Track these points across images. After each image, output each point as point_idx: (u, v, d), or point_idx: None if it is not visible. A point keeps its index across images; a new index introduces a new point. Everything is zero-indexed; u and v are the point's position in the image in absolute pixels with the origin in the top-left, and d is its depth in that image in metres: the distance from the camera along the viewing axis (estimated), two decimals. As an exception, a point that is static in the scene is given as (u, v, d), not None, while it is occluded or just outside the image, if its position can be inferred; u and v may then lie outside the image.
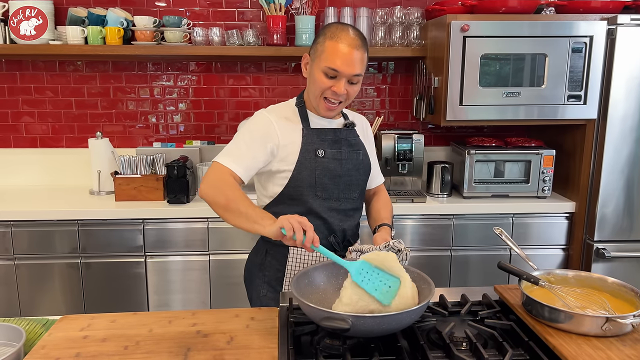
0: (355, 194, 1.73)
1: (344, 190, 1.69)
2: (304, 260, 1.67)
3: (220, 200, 1.50)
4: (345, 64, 1.52)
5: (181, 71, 3.04)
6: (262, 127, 1.63)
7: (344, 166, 1.67)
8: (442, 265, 2.70)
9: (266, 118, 1.65)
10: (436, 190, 2.81)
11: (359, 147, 1.73)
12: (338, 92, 1.55)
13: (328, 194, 1.66)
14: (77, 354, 1.18)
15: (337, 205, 1.68)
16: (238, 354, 1.19)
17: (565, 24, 2.51)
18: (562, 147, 2.81)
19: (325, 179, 1.65)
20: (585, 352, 1.11)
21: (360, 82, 1.60)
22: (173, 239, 2.59)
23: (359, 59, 1.54)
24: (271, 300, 1.70)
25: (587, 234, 2.67)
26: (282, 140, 1.62)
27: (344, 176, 1.67)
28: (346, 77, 1.55)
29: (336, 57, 1.52)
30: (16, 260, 2.55)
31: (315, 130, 1.66)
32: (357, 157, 1.71)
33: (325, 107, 1.61)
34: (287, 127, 1.64)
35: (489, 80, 2.56)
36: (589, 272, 1.71)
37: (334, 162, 1.65)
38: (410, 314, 1.16)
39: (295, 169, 1.61)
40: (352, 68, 1.53)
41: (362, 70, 1.56)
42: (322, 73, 1.56)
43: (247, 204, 1.48)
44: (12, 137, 3.04)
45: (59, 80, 2.99)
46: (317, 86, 1.58)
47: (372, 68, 3.12)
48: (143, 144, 3.09)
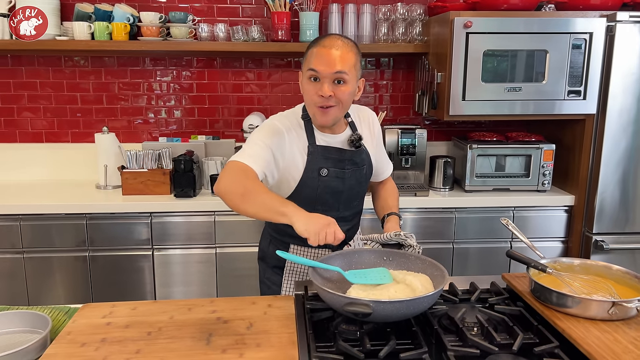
0: (355, 203, 1.75)
1: (344, 202, 1.71)
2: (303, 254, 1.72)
3: (239, 190, 1.44)
4: (323, 63, 1.50)
5: (185, 67, 3.07)
6: (275, 138, 1.59)
7: (346, 183, 1.67)
8: (444, 257, 2.75)
9: (279, 130, 1.61)
10: (438, 184, 2.86)
11: (364, 163, 1.72)
12: (322, 94, 1.51)
13: (328, 207, 1.67)
14: (102, 339, 1.22)
15: (337, 215, 1.66)
16: (258, 338, 1.23)
17: (565, 21, 2.56)
18: (562, 141, 2.86)
19: (327, 196, 1.66)
20: (593, 334, 1.16)
21: (350, 83, 1.54)
22: (180, 233, 2.63)
23: (339, 57, 1.50)
24: (274, 284, 1.77)
25: (586, 226, 2.73)
26: (287, 159, 1.60)
27: (344, 192, 1.68)
28: (328, 78, 1.51)
29: (314, 59, 1.52)
30: (24, 253, 2.57)
31: (320, 148, 1.63)
32: (359, 173, 1.70)
33: (319, 112, 1.56)
34: (295, 142, 1.62)
35: (491, 76, 2.61)
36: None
37: (337, 180, 1.65)
38: (427, 299, 1.20)
39: (298, 187, 1.62)
40: (331, 66, 1.50)
41: (345, 68, 1.51)
42: (307, 79, 1.55)
43: (267, 191, 1.45)
44: (18, 132, 3.06)
45: (64, 75, 3.02)
46: (307, 95, 1.57)
47: (373, 64, 3.16)
48: (147, 139, 3.12)
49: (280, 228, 1.72)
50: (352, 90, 1.57)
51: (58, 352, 1.17)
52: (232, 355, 1.16)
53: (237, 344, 1.20)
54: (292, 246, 1.74)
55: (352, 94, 1.57)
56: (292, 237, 1.70)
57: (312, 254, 1.73)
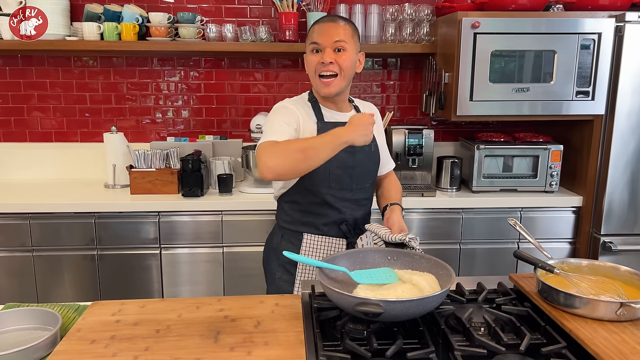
0: (367, 184, 1.79)
1: (357, 180, 1.75)
2: (317, 246, 1.73)
3: (296, 155, 1.47)
4: (323, 34, 1.64)
5: (193, 67, 3.09)
6: (287, 113, 1.69)
7: (356, 157, 1.72)
8: (451, 258, 2.75)
9: (288, 107, 1.71)
10: (445, 184, 2.85)
11: (371, 140, 1.77)
12: (324, 61, 1.62)
13: (341, 185, 1.72)
14: (112, 336, 1.23)
15: (350, 196, 1.74)
16: (266, 337, 1.23)
17: (573, 21, 2.55)
18: (570, 142, 2.85)
19: (339, 170, 1.70)
20: (601, 335, 1.16)
21: (349, 51, 1.66)
22: (187, 232, 2.64)
23: (337, 28, 1.64)
24: (285, 283, 1.77)
25: (594, 227, 2.72)
26: (302, 126, 1.68)
27: (356, 167, 1.73)
28: (329, 47, 1.63)
29: (315, 33, 1.67)
30: (34, 252, 2.60)
31: (328, 124, 1.70)
32: (368, 149, 1.75)
33: (322, 84, 1.67)
34: (305, 117, 1.70)
35: (499, 77, 2.60)
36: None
37: (346, 154, 1.68)
38: (436, 298, 1.20)
39: None
40: (331, 36, 1.63)
41: (344, 37, 1.64)
42: (310, 52, 1.68)
43: (313, 138, 1.54)
44: (28, 132, 3.09)
45: (73, 75, 3.04)
46: (310, 67, 1.69)
47: (380, 65, 3.17)
48: (155, 138, 3.14)
49: (295, 218, 1.76)
50: (352, 59, 1.67)
51: (68, 349, 1.18)
52: (240, 353, 1.16)
53: (245, 342, 1.21)
54: (305, 235, 1.75)
55: (352, 62, 1.68)
56: (304, 225, 1.73)
57: (326, 241, 1.74)
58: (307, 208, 1.74)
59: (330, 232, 1.74)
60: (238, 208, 2.63)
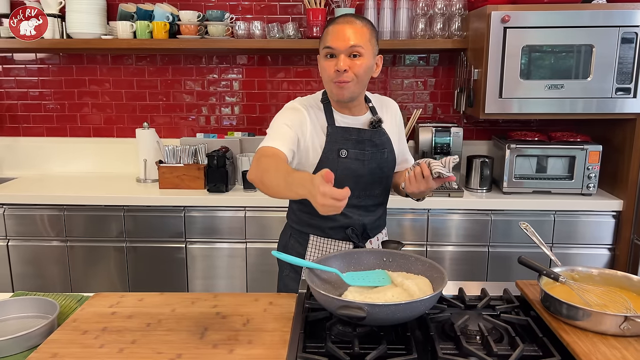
0: (377, 191, 1.72)
1: (364, 188, 1.68)
2: (322, 247, 1.70)
3: (258, 174, 1.44)
4: (337, 38, 1.53)
5: (225, 64, 3.13)
6: (293, 114, 1.63)
7: (367, 166, 1.65)
8: (479, 261, 2.66)
9: (297, 108, 1.64)
10: (475, 184, 2.76)
11: (384, 146, 1.69)
12: (339, 69, 1.53)
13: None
14: (103, 328, 1.26)
15: (357, 202, 1.67)
16: (251, 335, 1.23)
17: (614, 14, 2.40)
18: (611, 142, 2.69)
19: (346, 179, 1.62)
20: (599, 350, 1.08)
21: (365, 57, 1.55)
22: (212, 227, 2.68)
23: (353, 32, 1.53)
24: (292, 281, 1.75)
25: (635, 233, 2.55)
26: (307, 139, 1.61)
27: (365, 176, 1.66)
28: (343, 52, 1.53)
29: (329, 36, 1.55)
30: (68, 242, 2.72)
31: (339, 129, 1.64)
32: (381, 157, 1.68)
33: (335, 88, 1.57)
34: (314, 119, 1.64)
35: (531, 73, 2.48)
36: (630, 273, 1.64)
37: (357, 162, 1.63)
38: (424, 303, 1.16)
39: (317, 168, 1.61)
40: (345, 41, 1.52)
41: (359, 42, 1.53)
42: (324, 57, 1.58)
43: (281, 170, 1.40)
44: (69, 127, 3.23)
45: (111, 73, 3.15)
46: (324, 72, 1.59)
47: (411, 61, 3.10)
48: (188, 134, 3.20)
49: (302, 219, 1.74)
50: (368, 64, 1.57)
51: (60, 338, 1.22)
52: (222, 351, 1.16)
53: (230, 340, 1.21)
54: (311, 237, 1.72)
55: (368, 68, 1.58)
56: (311, 226, 1.71)
57: (333, 243, 1.71)
58: (314, 210, 1.67)
59: (336, 236, 1.70)
60: (261, 204, 2.65)
